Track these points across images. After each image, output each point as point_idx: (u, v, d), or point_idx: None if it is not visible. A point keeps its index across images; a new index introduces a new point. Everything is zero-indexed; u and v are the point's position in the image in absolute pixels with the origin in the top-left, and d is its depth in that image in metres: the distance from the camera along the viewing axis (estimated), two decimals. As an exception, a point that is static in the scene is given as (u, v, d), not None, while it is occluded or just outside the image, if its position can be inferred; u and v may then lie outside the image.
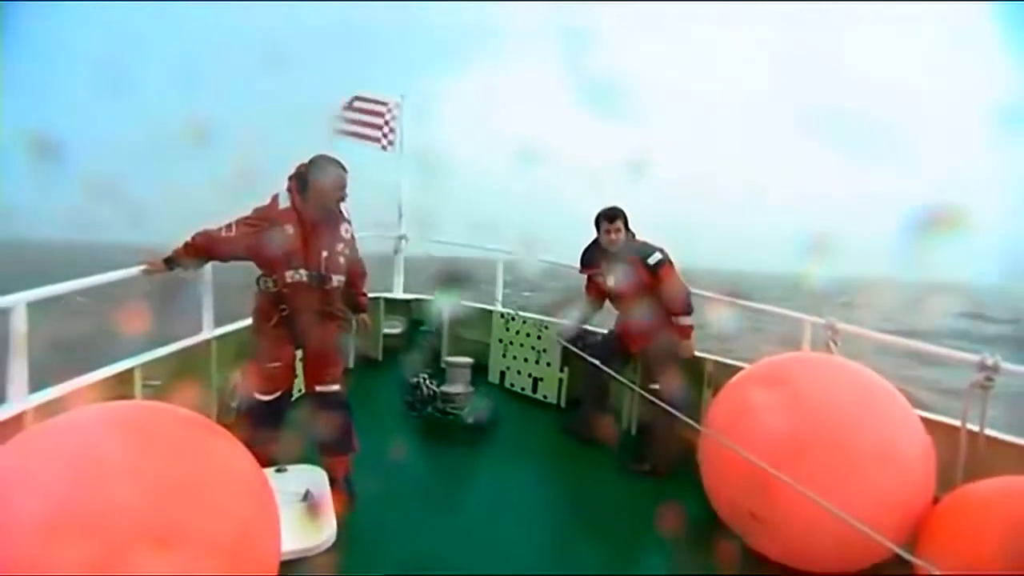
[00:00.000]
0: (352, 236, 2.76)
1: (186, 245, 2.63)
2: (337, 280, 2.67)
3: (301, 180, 2.62)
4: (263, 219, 2.61)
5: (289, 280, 2.59)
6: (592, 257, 3.60)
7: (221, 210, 2.69)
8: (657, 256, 3.35)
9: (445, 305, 4.62)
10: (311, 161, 2.64)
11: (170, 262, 2.63)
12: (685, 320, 3.35)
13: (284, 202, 2.63)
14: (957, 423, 2.43)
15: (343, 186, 2.65)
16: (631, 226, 3.46)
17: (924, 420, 2.40)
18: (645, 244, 3.42)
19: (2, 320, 2.12)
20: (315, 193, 2.58)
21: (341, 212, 2.71)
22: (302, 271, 2.59)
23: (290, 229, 2.57)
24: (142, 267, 2.64)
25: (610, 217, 3.42)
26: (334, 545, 2.38)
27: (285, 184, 2.66)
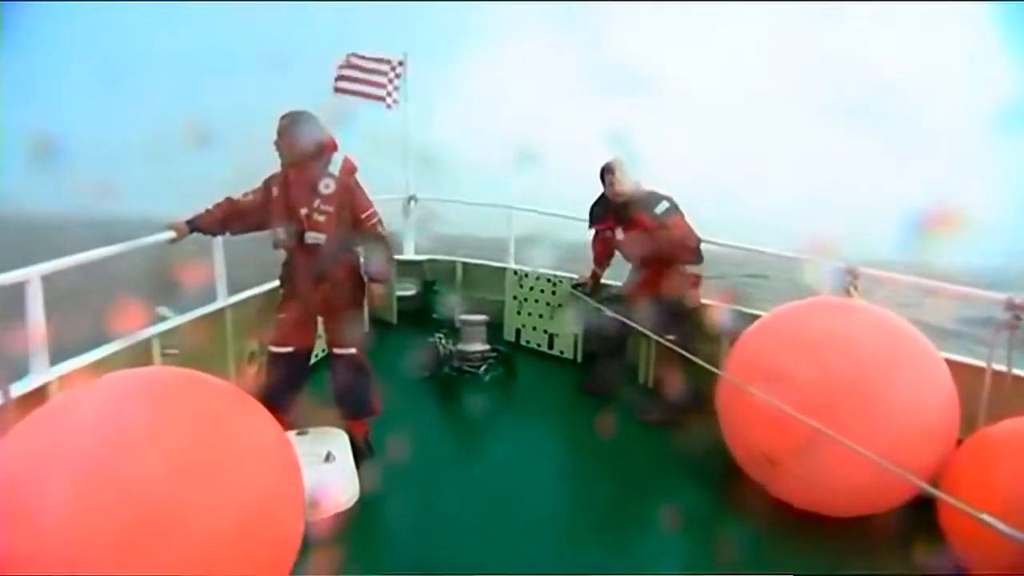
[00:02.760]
0: (339, 191, 2.61)
1: (208, 210, 2.72)
2: (313, 238, 2.61)
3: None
4: (262, 185, 2.73)
5: (274, 239, 2.69)
6: (600, 211, 3.54)
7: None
8: (664, 204, 3.26)
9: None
10: None
11: (192, 223, 2.69)
12: (693, 269, 3.28)
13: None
14: (984, 364, 2.38)
15: (281, 133, 2.58)
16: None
17: (950, 362, 2.35)
18: (652, 193, 3.32)
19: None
20: (278, 149, 2.62)
21: (323, 167, 2.62)
22: (279, 230, 2.65)
23: (275, 190, 2.66)
24: (168, 232, 2.67)
25: (611, 168, 3.37)
26: (357, 503, 2.43)
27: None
